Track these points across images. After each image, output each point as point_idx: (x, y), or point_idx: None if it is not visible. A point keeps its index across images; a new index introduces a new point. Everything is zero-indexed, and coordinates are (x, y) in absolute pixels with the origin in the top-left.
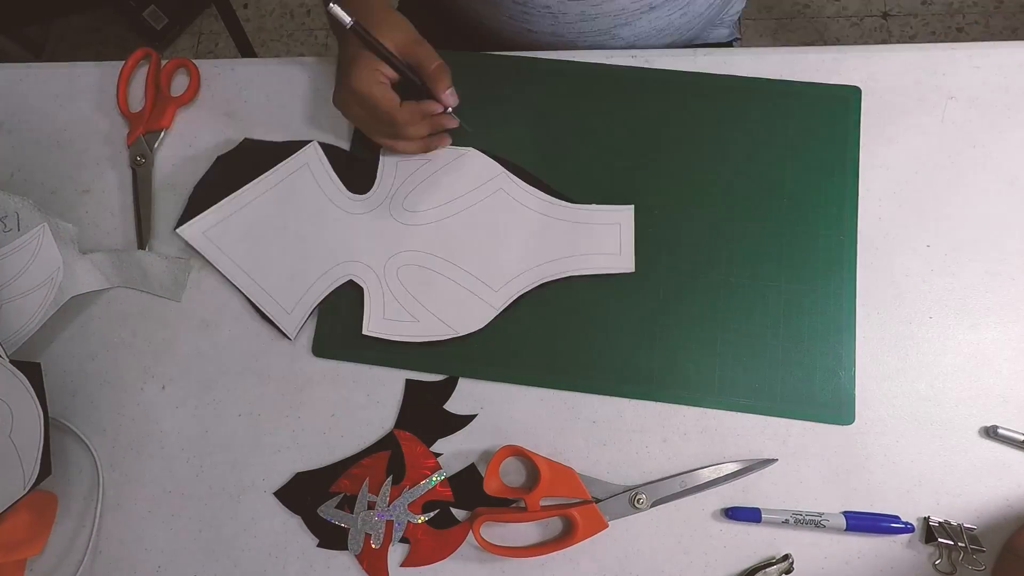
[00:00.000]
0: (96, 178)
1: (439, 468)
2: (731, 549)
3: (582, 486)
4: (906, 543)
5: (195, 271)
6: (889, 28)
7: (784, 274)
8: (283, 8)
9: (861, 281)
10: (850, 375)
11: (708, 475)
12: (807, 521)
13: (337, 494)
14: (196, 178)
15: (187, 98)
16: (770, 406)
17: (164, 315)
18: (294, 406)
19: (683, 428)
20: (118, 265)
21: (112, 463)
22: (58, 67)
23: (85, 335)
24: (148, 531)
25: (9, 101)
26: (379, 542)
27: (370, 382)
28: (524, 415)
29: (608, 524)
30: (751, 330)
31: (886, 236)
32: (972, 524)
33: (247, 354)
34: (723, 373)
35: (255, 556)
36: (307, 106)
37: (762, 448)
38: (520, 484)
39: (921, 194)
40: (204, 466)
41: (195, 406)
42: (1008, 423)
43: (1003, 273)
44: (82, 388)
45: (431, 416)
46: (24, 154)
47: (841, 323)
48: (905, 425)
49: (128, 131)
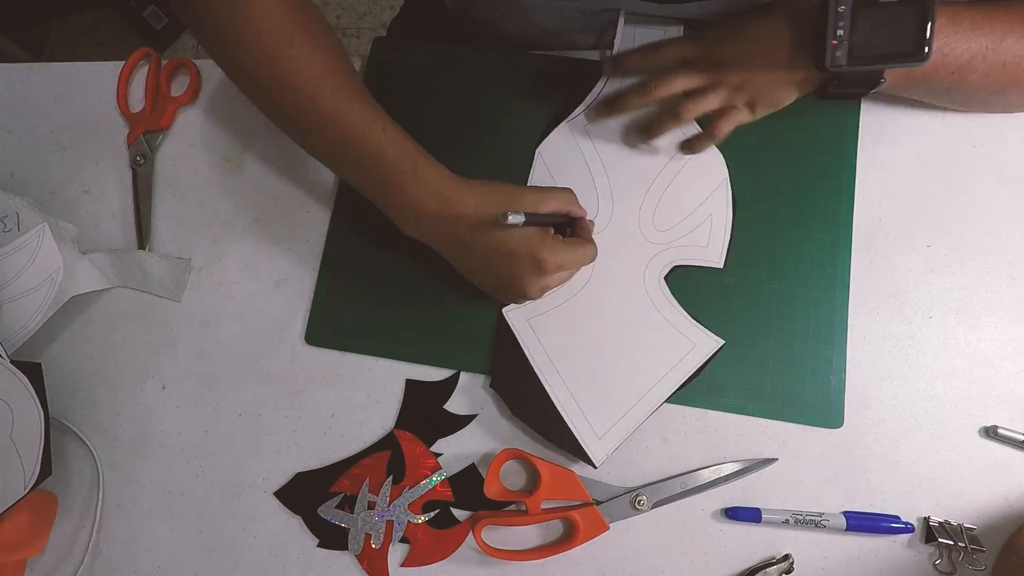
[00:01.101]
0: (96, 178)
1: (439, 468)
2: (731, 549)
3: (583, 488)
4: (906, 543)
5: (195, 271)
6: None
7: (777, 275)
8: None
9: (861, 281)
10: (840, 379)
11: (708, 475)
12: (807, 521)
13: (337, 494)
14: (196, 178)
15: (187, 98)
16: (760, 407)
17: (164, 315)
18: (294, 406)
19: (683, 428)
20: (118, 265)
21: (112, 463)
22: (58, 67)
23: (85, 335)
24: (148, 531)
25: (9, 101)
26: (379, 542)
27: (370, 382)
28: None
29: (609, 526)
30: (742, 331)
31: (886, 236)
32: (972, 524)
33: (247, 354)
34: (713, 373)
35: (255, 556)
36: None
37: (762, 448)
38: (521, 487)
39: (921, 194)
40: (204, 466)
41: (195, 406)
42: (1008, 423)
43: (1003, 273)
44: (82, 388)
45: (431, 416)
46: (24, 154)
47: (833, 327)
48: (905, 425)
49: (128, 131)
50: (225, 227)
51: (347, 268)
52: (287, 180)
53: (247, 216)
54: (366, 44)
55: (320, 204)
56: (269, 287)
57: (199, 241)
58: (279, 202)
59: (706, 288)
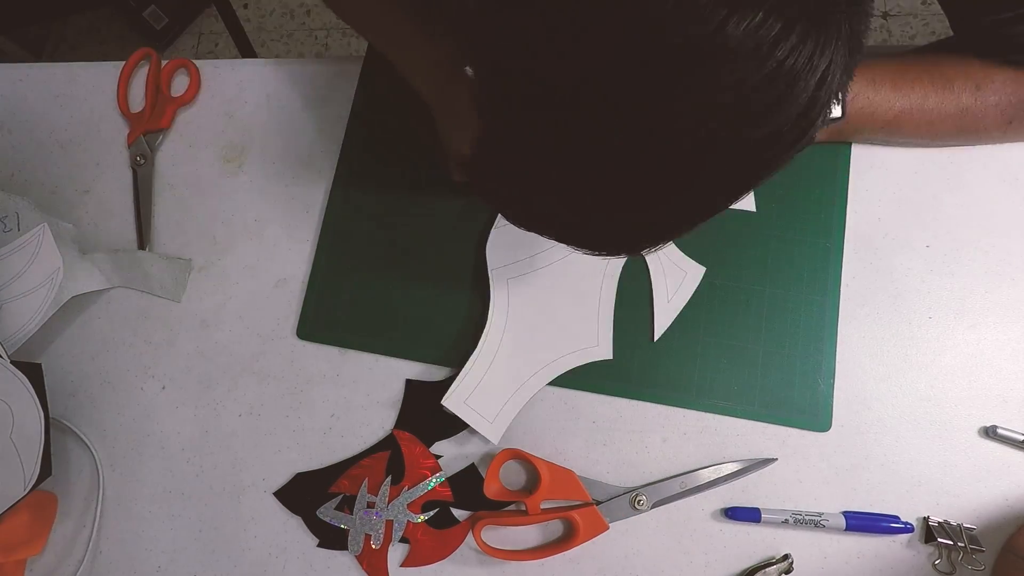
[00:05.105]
0: (96, 178)
1: (439, 469)
2: (731, 549)
3: (582, 488)
4: (906, 543)
5: (195, 271)
6: (889, 28)
7: (768, 279)
8: (283, 8)
9: (861, 281)
10: (829, 383)
11: (708, 475)
12: (807, 521)
13: (337, 495)
14: (196, 178)
15: (187, 98)
16: (749, 410)
17: (164, 315)
18: (294, 406)
19: (683, 428)
20: (118, 265)
21: (112, 463)
22: (58, 67)
23: (85, 335)
24: (148, 531)
25: (9, 101)
26: (379, 542)
27: (370, 382)
28: (524, 415)
29: (609, 526)
30: (732, 333)
31: (885, 236)
32: (972, 524)
33: (247, 354)
34: (703, 375)
35: (255, 556)
36: (307, 106)
37: (762, 448)
38: (520, 487)
39: (921, 194)
40: (204, 466)
41: (195, 406)
42: (1008, 423)
43: (1003, 273)
44: (82, 388)
45: (431, 416)
46: (24, 154)
47: (823, 330)
48: (905, 425)
49: (128, 131)
50: (225, 227)
51: (341, 262)
52: (287, 180)
53: (247, 216)
54: (366, 43)
55: (320, 204)
56: (269, 287)
57: (199, 241)
58: (279, 202)
59: (698, 288)
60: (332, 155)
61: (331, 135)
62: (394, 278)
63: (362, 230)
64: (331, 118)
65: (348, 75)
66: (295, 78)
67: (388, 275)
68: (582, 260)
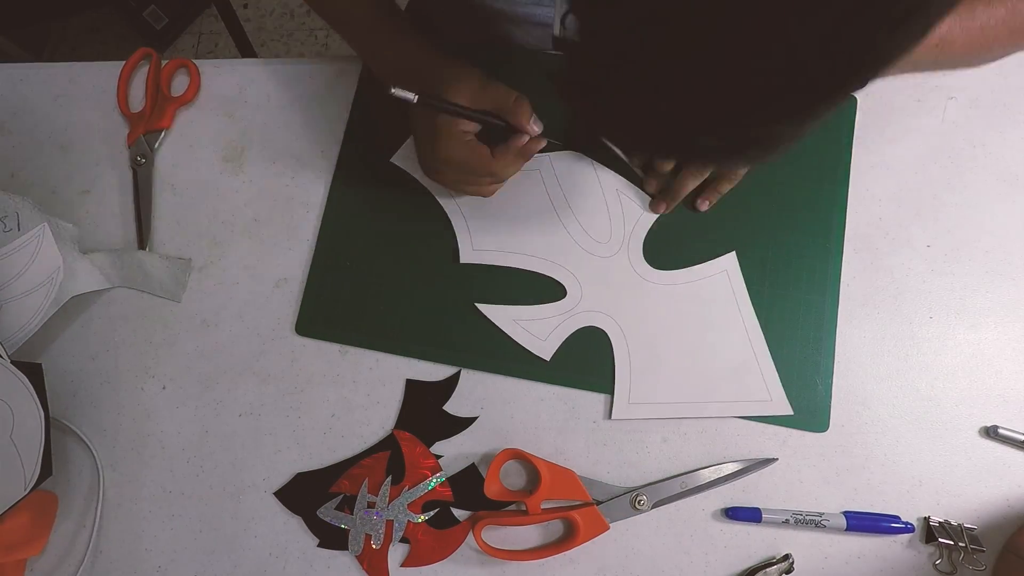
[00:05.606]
0: (96, 178)
1: (439, 469)
2: (731, 549)
3: (583, 488)
4: (906, 543)
5: (195, 271)
6: None
7: (768, 279)
8: (283, 8)
9: (861, 281)
10: (827, 383)
11: (708, 475)
12: (807, 521)
13: (337, 495)
14: (196, 178)
15: (187, 98)
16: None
17: (164, 315)
18: (294, 406)
19: (683, 428)
20: (118, 265)
21: (112, 463)
22: (58, 67)
23: (85, 335)
24: (148, 531)
25: (9, 101)
26: (379, 542)
27: (370, 382)
28: (524, 415)
29: (609, 526)
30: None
31: (886, 236)
32: (972, 524)
33: (247, 354)
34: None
35: (255, 556)
36: (307, 106)
37: (762, 448)
38: (521, 487)
39: (921, 194)
40: (204, 466)
41: (195, 406)
42: (1008, 423)
43: (1003, 273)
44: (82, 388)
45: (431, 417)
46: (24, 154)
47: (821, 332)
48: (905, 425)
49: (128, 131)
50: (225, 227)
51: (340, 258)
52: (287, 180)
53: (247, 216)
54: None
55: (320, 204)
56: (269, 287)
57: (199, 241)
58: (279, 202)
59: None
60: (332, 155)
61: (331, 135)
62: (394, 277)
63: (362, 230)
64: (331, 118)
65: (348, 75)
66: (295, 78)
67: (388, 274)
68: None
